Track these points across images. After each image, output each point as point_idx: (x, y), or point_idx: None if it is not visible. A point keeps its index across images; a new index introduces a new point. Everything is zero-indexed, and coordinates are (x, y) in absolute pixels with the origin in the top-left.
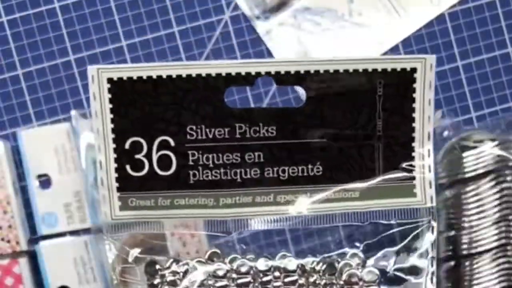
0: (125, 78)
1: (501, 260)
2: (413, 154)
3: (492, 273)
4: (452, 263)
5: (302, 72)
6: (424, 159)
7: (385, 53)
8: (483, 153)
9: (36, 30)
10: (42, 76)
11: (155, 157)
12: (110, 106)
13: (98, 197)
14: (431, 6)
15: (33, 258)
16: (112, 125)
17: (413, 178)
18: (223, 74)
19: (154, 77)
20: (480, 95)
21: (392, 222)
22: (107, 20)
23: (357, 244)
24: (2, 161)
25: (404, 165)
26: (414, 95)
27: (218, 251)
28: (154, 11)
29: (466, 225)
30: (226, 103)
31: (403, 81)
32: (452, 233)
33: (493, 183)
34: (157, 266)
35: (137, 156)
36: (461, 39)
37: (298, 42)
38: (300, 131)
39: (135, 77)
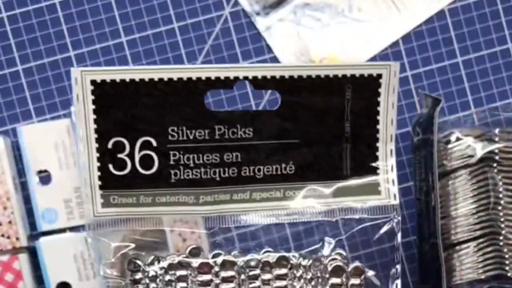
0: (108, 80)
1: (489, 249)
2: (378, 154)
3: (480, 261)
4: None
5: (277, 77)
6: (387, 159)
7: (385, 49)
8: (467, 146)
9: (36, 26)
10: (42, 72)
11: (137, 157)
12: (93, 107)
13: None
14: (431, 2)
15: (33, 254)
16: (95, 126)
17: (378, 176)
18: (203, 78)
19: (137, 80)
20: (480, 91)
21: (357, 217)
22: (107, 16)
23: (331, 240)
24: (2, 157)
25: (369, 164)
26: (379, 99)
27: (200, 246)
28: (154, 7)
29: (452, 214)
30: (206, 106)
31: (369, 86)
32: (443, 221)
33: (476, 173)
34: (139, 262)
35: (120, 156)
36: (461, 35)
37: (298, 38)
38: (274, 133)
39: (118, 80)
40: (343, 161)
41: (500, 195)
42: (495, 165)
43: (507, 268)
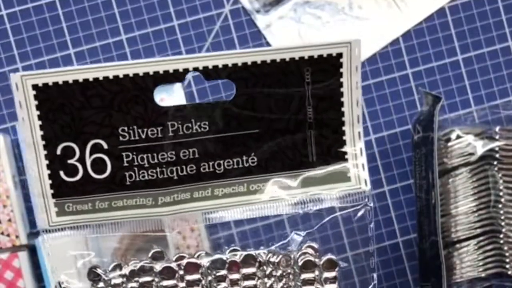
0: (50, 83)
1: (489, 247)
2: (344, 138)
3: (480, 259)
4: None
5: (230, 65)
6: (355, 143)
7: (385, 47)
8: (468, 144)
9: (35, 24)
10: (42, 69)
11: (88, 161)
12: (38, 113)
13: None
14: None
15: (32, 252)
16: (41, 132)
17: (346, 162)
18: (151, 73)
19: (81, 80)
20: (480, 88)
21: (328, 207)
22: (107, 13)
23: (301, 232)
24: (1, 154)
25: (336, 150)
26: (341, 79)
27: (162, 249)
28: (154, 5)
29: (452, 212)
30: (156, 102)
31: (329, 67)
32: (443, 219)
33: (477, 171)
34: (99, 271)
35: (70, 161)
36: (462, 32)
37: (298, 36)
38: (232, 124)
39: (61, 82)
40: (308, 149)
41: (501, 193)
42: (495, 163)
43: (507, 266)
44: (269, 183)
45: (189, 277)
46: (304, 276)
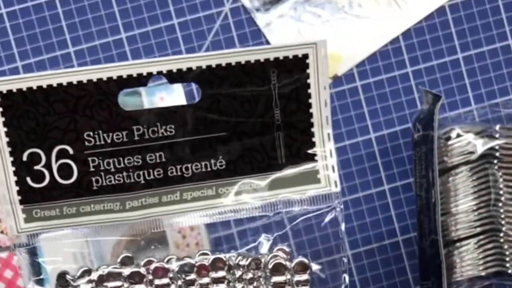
0: (14, 90)
1: (489, 246)
2: (313, 139)
3: (480, 258)
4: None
5: (194, 68)
6: (325, 144)
7: (385, 45)
8: (468, 142)
9: (35, 22)
10: (42, 68)
11: (55, 167)
12: (3, 119)
13: None
14: None
15: (32, 250)
16: (7, 139)
17: (316, 163)
18: (114, 78)
19: (45, 86)
20: (480, 87)
21: (298, 209)
22: (106, 12)
23: (269, 235)
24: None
25: (305, 151)
26: (308, 81)
27: (130, 255)
28: (154, 3)
29: (452, 210)
30: (121, 106)
31: (296, 68)
32: (443, 218)
33: (477, 170)
34: (68, 277)
35: (37, 167)
36: (462, 31)
37: (298, 34)
38: (199, 127)
39: (25, 88)
40: (277, 151)
41: (501, 192)
42: (495, 161)
43: (507, 265)
44: (237, 186)
45: (158, 282)
46: (275, 279)
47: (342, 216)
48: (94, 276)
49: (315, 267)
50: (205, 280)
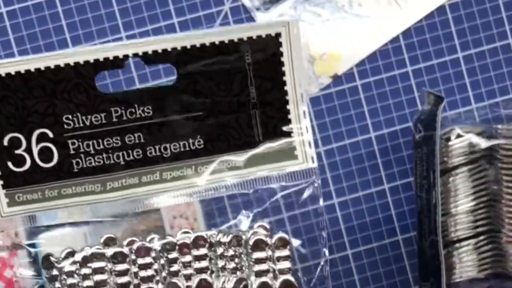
0: None
1: (489, 247)
2: (289, 116)
3: (480, 259)
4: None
5: (169, 49)
6: (301, 121)
7: (385, 44)
8: (468, 143)
9: (35, 22)
10: None
11: (35, 151)
12: None
13: None
14: None
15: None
16: None
17: (292, 140)
18: (91, 61)
19: (22, 71)
20: (480, 86)
21: (276, 186)
22: (106, 11)
23: (248, 212)
24: None
25: (282, 128)
26: (282, 59)
27: (113, 235)
28: (154, 2)
29: (452, 211)
30: (98, 89)
31: (269, 47)
32: (443, 218)
33: (477, 170)
34: (53, 259)
35: (17, 152)
36: (462, 30)
37: None
38: (176, 108)
39: (3, 74)
40: (253, 129)
41: (501, 193)
42: (496, 162)
43: (507, 266)
44: (214, 164)
45: (141, 261)
46: (256, 255)
47: (320, 192)
48: (78, 257)
49: (295, 242)
50: (187, 258)
